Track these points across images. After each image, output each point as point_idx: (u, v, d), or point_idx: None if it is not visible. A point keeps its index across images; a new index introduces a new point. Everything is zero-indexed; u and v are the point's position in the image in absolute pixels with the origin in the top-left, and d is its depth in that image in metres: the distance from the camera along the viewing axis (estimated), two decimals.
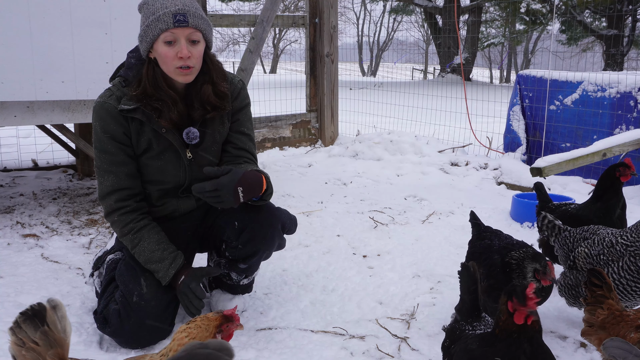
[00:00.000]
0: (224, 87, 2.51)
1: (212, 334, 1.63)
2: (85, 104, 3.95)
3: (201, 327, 1.64)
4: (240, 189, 2.30)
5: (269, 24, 6.02)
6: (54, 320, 1.54)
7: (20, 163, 5.89)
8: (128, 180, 2.48)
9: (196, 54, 2.35)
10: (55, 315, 1.55)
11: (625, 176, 2.95)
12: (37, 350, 1.51)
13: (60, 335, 1.54)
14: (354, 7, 42.65)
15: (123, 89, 2.45)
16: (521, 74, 6.42)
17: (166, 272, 2.44)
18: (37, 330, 1.52)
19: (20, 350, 1.51)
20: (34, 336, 1.51)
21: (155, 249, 2.45)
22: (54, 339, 1.53)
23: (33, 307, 1.54)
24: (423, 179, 5.66)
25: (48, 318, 1.53)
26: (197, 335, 1.61)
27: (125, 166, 2.47)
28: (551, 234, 2.78)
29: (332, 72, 7.13)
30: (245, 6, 29.40)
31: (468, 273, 2.02)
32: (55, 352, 1.53)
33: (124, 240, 2.51)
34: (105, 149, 2.45)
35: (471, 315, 1.99)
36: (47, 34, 3.65)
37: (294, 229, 2.72)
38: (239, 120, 2.66)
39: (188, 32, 2.31)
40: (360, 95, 9.59)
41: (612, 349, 1.56)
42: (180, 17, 2.28)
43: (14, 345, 1.52)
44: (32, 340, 1.51)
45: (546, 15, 20.95)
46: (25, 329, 1.52)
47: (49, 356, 1.51)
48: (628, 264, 2.35)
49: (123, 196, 2.47)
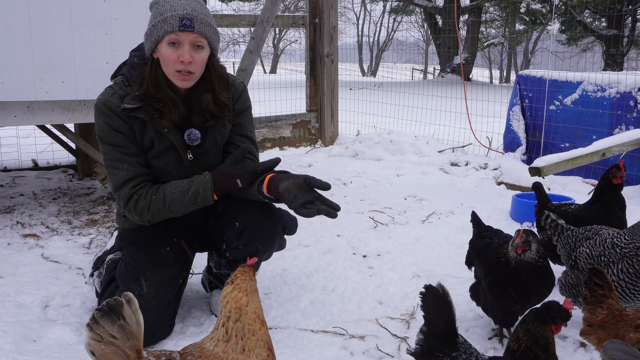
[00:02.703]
0: (224, 97, 2.51)
1: (256, 282, 1.69)
2: (85, 104, 3.95)
3: (246, 278, 1.66)
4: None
5: (269, 24, 6.03)
6: (129, 313, 1.58)
7: (20, 163, 5.89)
8: (141, 168, 2.46)
9: (198, 60, 2.35)
10: (130, 308, 1.59)
11: (616, 178, 2.99)
12: (115, 344, 1.55)
13: (135, 328, 1.58)
14: (354, 7, 42.70)
15: (126, 88, 2.45)
16: (521, 74, 6.43)
17: (204, 185, 2.42)
18: (114, 325, 1.56)
19: (99, 345, 1.55)
20: (111, 330, 1.55)
21: (180, 184, 2.44)
22: (130, 332, 1.57)
23: (109, 303, 1.58)
24: (423, 179, 5.66)
25: (124, 312, 1.57)
26: (247, 287, 1.65)
27: (136, 157, 2.46)
28: (554, 233, 2.79)
29: (332, 72, 7.13)
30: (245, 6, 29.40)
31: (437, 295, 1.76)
32: (132, 344, 1.57)
33: (152, 210, 2.43)
34: (114, 142, 2.43)
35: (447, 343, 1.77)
36: (47, 34, 3.65)
37: (295, 230, 2.72)
38: (241, 123, 2.67)
39: (192, 38, 2.31)
40: (360, 95, 9.59)
41: (612, 351, 1.56)
42: (186, 21, 2.28)
43: (92, 340, 1.56)
44: (110, 335, 1.55)
45: (546, 15, 20.95)
46: (102, 324, 1.56)
47: (127, 348, 1.56)
48: (626, 267, 2.35)
49: (138, 182, 2.45)
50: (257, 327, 1.62)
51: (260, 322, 1.63)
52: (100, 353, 1.55)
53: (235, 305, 1.63)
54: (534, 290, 2.32)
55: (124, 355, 1.55)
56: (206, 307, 2.85)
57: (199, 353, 1.63)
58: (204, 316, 2.77)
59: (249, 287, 1.65)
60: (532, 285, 2.31)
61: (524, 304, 2.36)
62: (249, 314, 1.61)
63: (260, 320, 1.63)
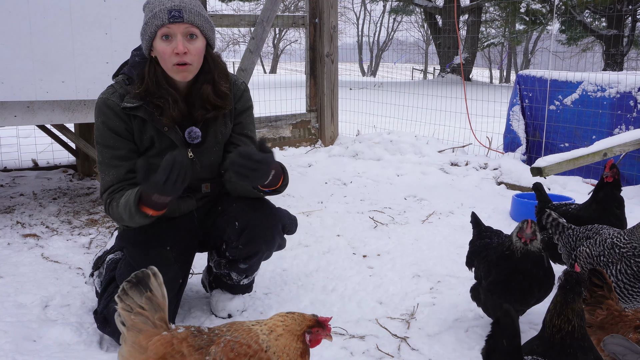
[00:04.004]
0: (224, 86, 2.51)
1: (302, 332, 1.67)
2: (85, 103, 3.95)
3: (295, 320, 1.68)
4: (272, 172, 2.33)
5: (269, 24, 6.02)
6: (155, 286, 1.63)
7: (20, 163, 5.89)
8: (129, 174, 2.46)
9: (193, 50, 2.35)
10: (156, 281, 1.63)
11: (607, 177, 3.03)
12: (144, 315, 1.60)
13: (161, 300, 1.63)
14: (354, 7, 42.67)
15: (127, 86, 2.45)
16: (521, 74, 6.42)
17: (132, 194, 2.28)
18: (142, 296, 1.61)
19: (129, 315, 1.60)
20: (140, 302, 1.60)
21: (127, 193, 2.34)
22: (157, 304, 1.62)
23: (137, 275, 1.63)
24: (423, 179, 5.66)
25: (151, 284, 1.62)
26: (290, 325, 1.66)
27: (127, 161, 2.46)
28: (555, 232, 2.79)
29: (332, 72, 7.13)
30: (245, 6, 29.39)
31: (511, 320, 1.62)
32: (160, 316, 1.62)
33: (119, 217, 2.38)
34: (107, 144, 2.45)
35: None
36: (47, 34, 3.65)
37: (294, 229, 2.72)
38: (242, 122, 2.67)
39: (184, 28, 2.32)
40: (360, 95, 9.59)
41: (611, 346, 1.56)
42: (175, 12, 2.30)
43: (122, 311, 1.61)
44: (138, 306, 1.60)
45: (546, 15, 20.94)
46: (131, 295, 1.60)
47: (156, 319, 1.61)
48: (625, 268, 2.36)
49: (117, 188, 2.45)
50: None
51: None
52: (130, 323, 1.60)
53: (271, 326, 1.66)
54: (536, 285, 2.31)
55: (153, 325, 1.60)
56: (206, 307, 2.85)
57: (228, 327, 1.67)
58: (204, 316, 2.77)
59: (291, 328, 1.66)
60: (535, 278, 2.31)
61: (527, 300, 2.36)
62: (279, 342, 1.63)
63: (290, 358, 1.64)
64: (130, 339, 1.63)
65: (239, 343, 1.60)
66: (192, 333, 1.64)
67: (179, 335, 1.62)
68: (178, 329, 1.64)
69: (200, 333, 1.65)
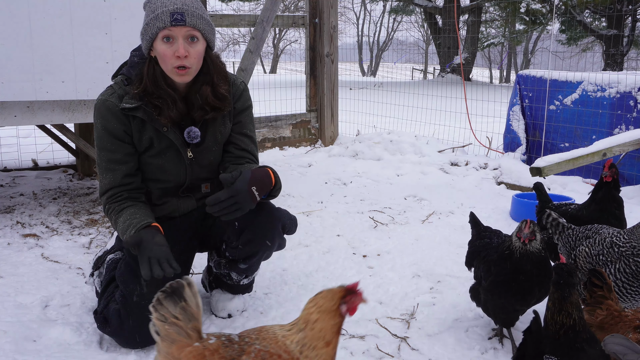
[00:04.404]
0: (223, 88, 2.51)
1: (337, 305, 1.65)
2: (85, 103, 3.95)
3: (327, 297, 1.66)
4: (254, 188, 2.31)
5: (269, 24, 6.03)
6: (190, 296, 1.63)
7: (20, 163, 5.89)
8: (126, 178, 2.48)
9: (194, 53, 2.35)
10: (191, 291, 1.63)
11: (606, 177, 3.03)
12: (178, 325, 1.60)
13: (195, 310, 1.63)
14: (354, 7, 42.68)
15: (125, 87, 2.45)
16: (521, 74, 6.42)
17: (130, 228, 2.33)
18: (176, 306, 1.61)
19: (163, 325, 1.61)
20: (174, 311, 1.61)
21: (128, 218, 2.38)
22: (191, 314, 1.62)
23: (172, 285, 1.63)
24: (423, 179, 5.66)
25: (185, 294, 1.62)
26: (324, 305, 1.64)
27: (124, 164, 2.47)
28: (555, 231, 2.80)
29: (332, 72, 7.13)
30: (245, 6, 29.40)
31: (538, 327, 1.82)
32: (194, 325, 1.62)
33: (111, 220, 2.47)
34: (105, 147, 2.45)
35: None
36: (47, 34, 3.65)
37: (294, 229, 2.72)
38: (241, 122, 2.67)
39: (185, 31, 2.32)
40: (360, 95, 9.59)
41: (612, 345, 1.56)
42: (177, 15, 2.29)
43: (157, 321, 1.62)
44: (172, 316, 1.61)
45: (546, 15, 20.94)
46: (166, 305, 1.61)
47: (189, 329, 1.61)
48: (624, 267, 2.36)
49: (115, 193, 2.47)
50: (320, 345, 1.62)
51: (325, 343, 1.62)
52: (164, 333, 1.61)
53: (305, 316, 1.65)
54: (536, 285, 2.31)
55: (186, 335, 1.61)
56: (206, 307, 2.85)
57: (257, 335, 1.67)
58: (204, 316, 2.77)
59: (326, 306, 1.64)
60: (535, 278, 2.30)
61: (527, 300, 2.36)
62: (314, 330, 1.62)
63: (325, 341, 1.62)
64: (164, 349, 1.63)
65: (269, 353, 1.61)
66: (223, 343, 1.64)
67: (211, 346, 1.62)
68: (209, 339, 1.64)
69: (231, 342, 1.65)
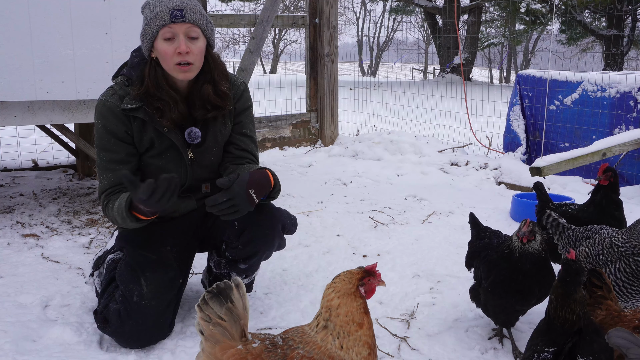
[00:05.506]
0: (224, 86, 2.51)
1: (355, 287, 1.64)
2: (85, 103, 3.95)
3: (344, 280, 1.65)
4: (251, 190, 2.30)
5: (269, 24, 6.03)
6: (237, 297, 1.62)
7: (20, 163, 5.89)
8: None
9: (195, 50, 2.36)
10: (238, 293, 1.63)
11: (601, 180, 3.04)
12: (223, 325, 1.60)
13: (242, 312, 1.63)
14: (354, 7, 42.66)
15: (126, 88, 2.45)
16: (521, 74, 6.42)
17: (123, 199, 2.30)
18: (222, 307, 1.61)
19: (208, 325, 1.61)
20: (219, 312, 1.60)
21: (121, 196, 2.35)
22: (237, 315, 1.62)
23: (218, 286, 1.62)
24: (423, 179, 5.66)
25: (233, 295, 1.61)
26: (342, 288, 1.64)
27: (124, 165, 2.47)
28: (555, 232, 2.80)
29: (332, 72, 7.13)
30: (245, 6, 29.39)
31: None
32: (240, 327, 1.62)
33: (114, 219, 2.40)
34: (105, 147, 2.45)
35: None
36: (47, 34, 3.65)
37: (294, 230, 2.72)
38: (242, 122, 2.67)
39: (186, 28, 2.32)
40: (360, 95, 9.59)
41: (616, 339, 1.55)
42: (177, 12, 2.30)
43: (201, 320, 1.61)
44: (218, 316, 1.60)
45: (546, 15, 20.94)
46: (212, 306, 1.60)
47: (235, 331, 1.61)
48: (623, 266, 2.36)
49: (114, 191, 2.46)
50: (353, 329, 1.61)
51: (357, 325, 1.62)
52: (208, 333, 1.61)
53: (326, 304, 1.64)
54: (536, 285, 2.31)
55: (231, 336, 1.61)
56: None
57: (300, 338, 1.66)
58: None
59: (344, 289, 1.64)
60: (535, 278, 2.30)
61: (527, 300, 2.36)
62: (340, 316, 1.61)
63: (357, 323, 1.62)
64: (207, 349, 1.63)
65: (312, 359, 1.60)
66: (266, 347, 1.62)
67: (254, 350, 1.61)
68: (253, 342, 1.63)
69: (274, 347, 1.63)
